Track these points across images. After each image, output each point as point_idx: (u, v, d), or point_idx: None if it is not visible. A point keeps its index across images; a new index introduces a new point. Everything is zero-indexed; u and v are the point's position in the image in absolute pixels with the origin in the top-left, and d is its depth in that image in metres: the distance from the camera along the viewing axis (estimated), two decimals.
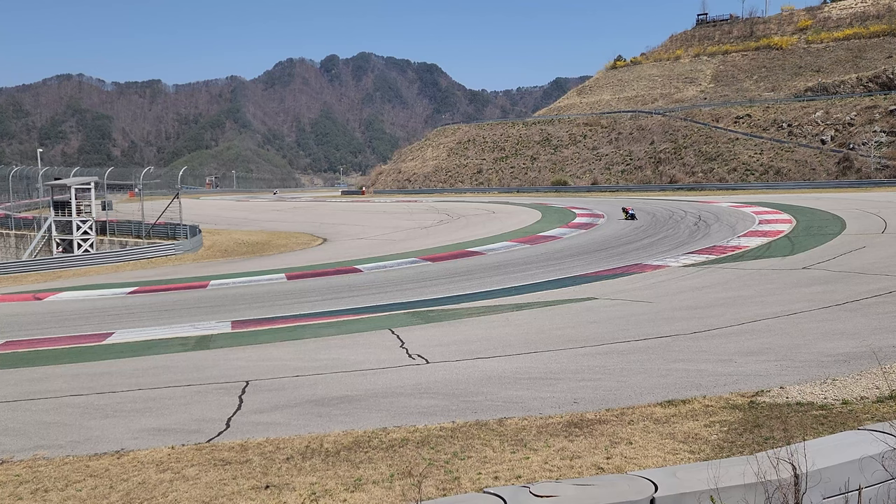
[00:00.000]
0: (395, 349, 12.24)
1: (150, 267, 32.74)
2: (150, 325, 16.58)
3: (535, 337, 12.57)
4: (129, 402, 9.70)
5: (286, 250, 35.92)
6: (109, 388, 10.57)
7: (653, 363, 10.09)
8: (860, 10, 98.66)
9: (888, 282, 15.33)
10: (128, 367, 12.30)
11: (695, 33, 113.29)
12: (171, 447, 7.61)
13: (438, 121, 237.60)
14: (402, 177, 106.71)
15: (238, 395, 9.70)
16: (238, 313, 17.61)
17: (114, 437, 8.15)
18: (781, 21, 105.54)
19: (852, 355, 9.66)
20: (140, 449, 7.64)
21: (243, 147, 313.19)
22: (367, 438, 7.46)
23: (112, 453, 7.55)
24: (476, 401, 8.78)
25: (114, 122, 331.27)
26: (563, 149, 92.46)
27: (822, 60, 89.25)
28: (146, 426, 8.54)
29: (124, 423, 8.70)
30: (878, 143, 65.21)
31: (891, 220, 28.69)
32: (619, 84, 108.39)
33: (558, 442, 6.90)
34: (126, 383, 10.86)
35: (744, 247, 23.92)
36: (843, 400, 7.72)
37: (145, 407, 9.42)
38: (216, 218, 58.63)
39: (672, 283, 18.07)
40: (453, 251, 28.44)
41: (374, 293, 19.55)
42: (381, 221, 49.20)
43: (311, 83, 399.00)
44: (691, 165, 76.46)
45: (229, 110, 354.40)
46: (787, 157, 70.81)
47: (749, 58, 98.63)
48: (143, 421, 8.78)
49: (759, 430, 6.84)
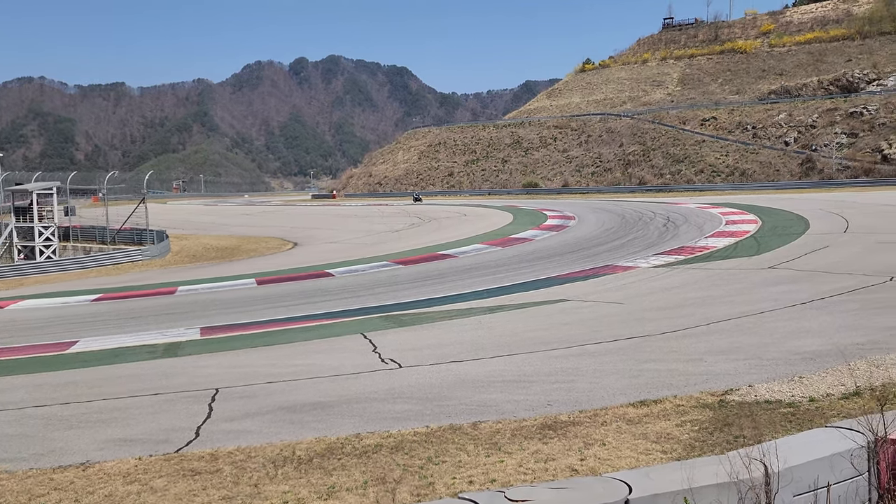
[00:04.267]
0: (368, 354, 12.15)
1: (116, 273, 32.12)
2: (116, 333, 16.22)
3: (508, 339, 12.57)
4: (94, 413, 9.47)
5: (256, 255, 35.53)
6: (74, 399, 10.31)
7: (625, 364, 10.16)
8: (820, 14, 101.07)
9: (851, 280, 15.66)
10: (93, 376, 12.02)
11: (661, 37, 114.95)
12: (138, 458, 7.43)
13: (409, 124, 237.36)
14: (373, 180, 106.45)
15: (208, 403, 9.53)
16: (207, 319, 17.33)
17: (78, 449, 7.94)
18: (745, 25, 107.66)
19: (818, 353, 9.83)
20: (106, 460, 7.44)
21: (211, 151, 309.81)
22: (340, 445, 7.38)
23: (77, 465, 7.34)
24: (450, 405, 8.75)
25: (77, 126, 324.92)
26: (533, 151, 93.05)
27: (785, 64, 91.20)
28: (112, 437, 8.34)
29: (89, 434, 8.49)
30: (839, 144, 66.77)
31: (853, 219, 29.35)
32: (588, 87, 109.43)
33: (532, 445, 6.90)
34: (91, 393, 10.60)
35: (711, 247, 24.26)
36: (811, 397, 7.84)
37: (111, 417, 9.20)
38: (184, 223, 57.83)
39: (643, 283, 18.25)
40: (425, 254, 28.39)
41: (345, 297, 19.42)
42: (352, 225, 48.97)
43: (280, 86, 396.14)
44: (660, 167, 77.47)
45: (196, 113, 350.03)
46: (752, 159, 72.14)
47: (714, 61, 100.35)
48: (108, 431, 8.57)
49: (729, 429, 6.90)
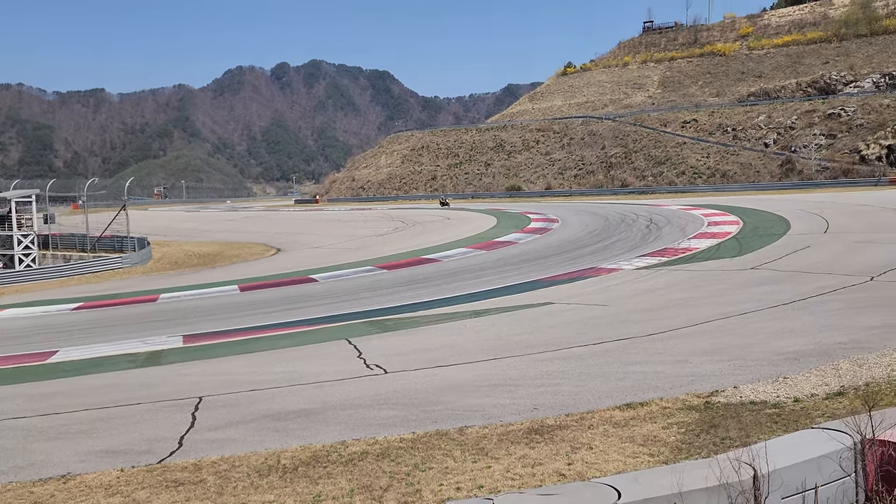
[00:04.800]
0: (353, 359, 12.07)
1: (97, 281, 31.73)
2: (97, 342, 16.01)
3: (494, 343, 12.55)
4: (74, 424, 9.31)
5: (239, 261, 35.26)
6: (53, 410, 10.13)
7: (611, 366, 10.16)
8: (798, 17, 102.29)
9: (832, 280, 15.81)
10: (73, 386, 11.85)
11: (642, 40, 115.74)
12: (120, 469, 7.31)
13: (392, 128, 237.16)
14: (356, 185, 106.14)
15: (191, 412, 9.41)
16: (190, 327, 17.15)
17: (59, 461, 7.80)
18: (724, 28, 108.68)
19: (802, 353, 9.89)
20: (87, 472, 7.31)
21: (193, 156, 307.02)
22: (325, 453, 7.31)
23: (57, 478, 7.21)
24: (436, 410, 8.69)
25: (56, 133, 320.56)
26: (516, 154, 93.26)
27: (764, 66, 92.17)
28: (93, 448, 8.20)
29: (70, 446, 8.34)
30: (818, 145, 67.56)
31: (832, 219, 29.67)
32: (570, 90, 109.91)
33: (519, 449, 6.86)
34: (71, 404, 10.43)
35: (694, 248, 24.41)
36: (795, 398, 7.88)
37: (92, 428, 9.05)
38: (165, 229, 57.28)
39: (626, 285, 18.31)
40: (409, 259, 28.32)
41: (330, 303, 19.31)
42: (335, 230, 48.77)
43: (262, 91, 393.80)
44: (641, 169, 77.94)
45: (177, 119, 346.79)
46: (733, 161, 72.78)
47: (694, 64, 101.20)
48: (90, 443, 8.43)
49: (715, 431, 6.92)
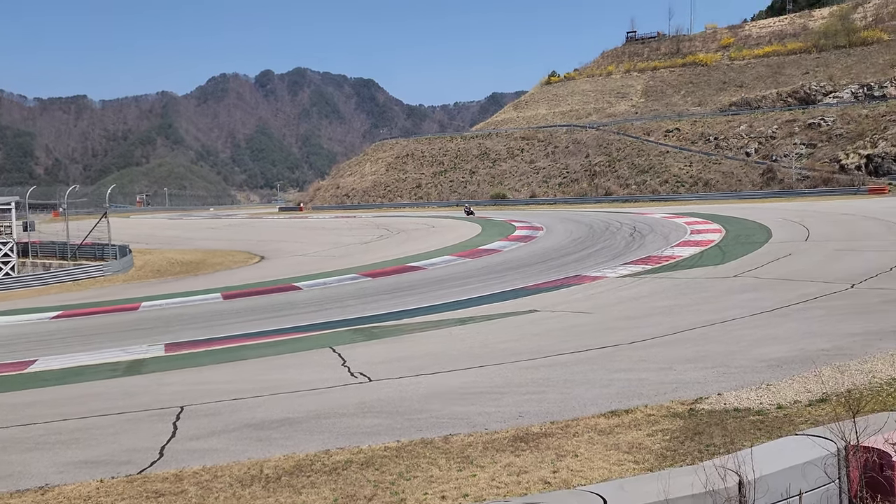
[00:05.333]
0: (337, 368, 11.99)
1: (77, 289, 31.35)
2: (77, 351, 15.79)
3: (479, 351, 12.52)
4: (53, 434, 9.16)
5: (222, 269, 35.00)
6: (31, 420, 9.96)
7: (595, 374, 10.17)
8: (778, 28, 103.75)
9: (814, 287, 15.96)
10: (52, 396, 11.66)
11: (625, 50, 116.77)
12: (99, 480, 7.19)
13: (376, 136, 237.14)
14: (340, 192, 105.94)
15: (172, 421, 9.29)
16: (172, 335, 16.98)
17: (37, 472, 7.66)
18: (706, 39, 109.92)
19: (784, 360, 9.95)
20: (66, 483, 7.18)
21: (176, 164, 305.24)
22: (309, 462, 7.23)
23: (35, 489, 7.08)
24: (421, 418, 8.64)
25: (36, 140, 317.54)
26: (501, 162, 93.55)
27: (745, 76, 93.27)
28: (72, 459, 8.06)
29: (48, 457, 8.20)
30: (798, 154, 68.38)
31: (813, 228, 29.99)
32: (555, 99, 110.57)
33: (505, 457, 6.83)
34: (50, 414, 10.26)
35: (677, 256, 24.56)
36: (778, 404, 7.92)
37: (71, 438, 8.91)
38: (148, 237, 56.82)
39: (611, 293, 18.37)
40: (394, 266, 28.26)
41: (314, 311, 19.20)
42: (320, 238, 48.59)
43: (246, 98, 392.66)
44: (625, 178, 78.45)
45: (160, 126, 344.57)
46: (715, 169, 73.46)
47: (676, 73, 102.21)
48: (68, 453, 8.29)
49: (700, 438, 6.93)
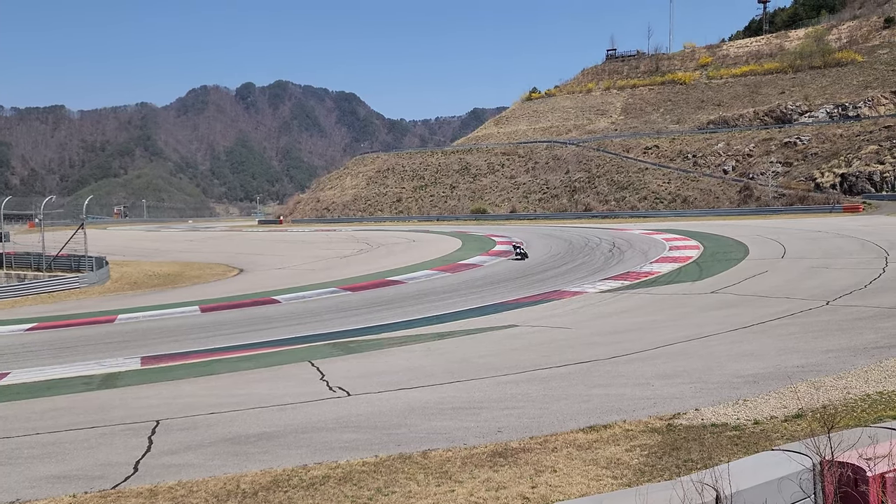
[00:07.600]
0: (315, 382, 11.91)
1: (52, 301, 30.87)
2: (51, 364, 15.56)
3: (458, 366, 12.51)
4: (25, 448, 9.00)
5: (200, 282, 34.67)
6: (3, 434, 9.79)
7: (574, 389, 10.20)
8: (755, 48, 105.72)
9: (790, 304, 16.18)
10: (24, 410, 11.45)
11: (605, 68, 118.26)
12: (72, 496, 7.08)
13: (357, 149, 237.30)
14: (320, 206, 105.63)
15: (147, 436, 9.17)
16: (148, 348, 16.78)
17: (8, 487, 7.51)
18: (684, 58, 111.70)
19: (761, 376, 10.06)
20: (38, 499, 7.06)
21: (154, 175, 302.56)
22: (286, 477, 7.17)
23: None
24: (399, 433, 8.61)
25: (12, 150, 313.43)
26: (481, 177, 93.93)
27: (722, 95, 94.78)
28: (45, 473, 7.92)
29: (20, 471, 8.05)
30: (774, 172, 69.48)
31: (789, 245, 30.43)
32: (535, 115, 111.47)
33: (483, 473, 6.82)
34: (22, 427, 10.09)
35: (656, 272, 24.78)
36: (755, 420, 8.00)
37: (44, 452, 8.76)
38: (125, 249, 56.18)
39: (590, 308, 18.47)
40: (374, 280, 28.19)
41: (292, 324, 19.08)
42: (299, 251, 48.36)
43: (227, 111, 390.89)
44: (605, 194, 79.12)
45: (139, 137, 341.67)
46: (693, 186, 74.38)
47: (655, 91, 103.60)
48: (41, 468, 8.14)
49: (677, 453, 6.97)
